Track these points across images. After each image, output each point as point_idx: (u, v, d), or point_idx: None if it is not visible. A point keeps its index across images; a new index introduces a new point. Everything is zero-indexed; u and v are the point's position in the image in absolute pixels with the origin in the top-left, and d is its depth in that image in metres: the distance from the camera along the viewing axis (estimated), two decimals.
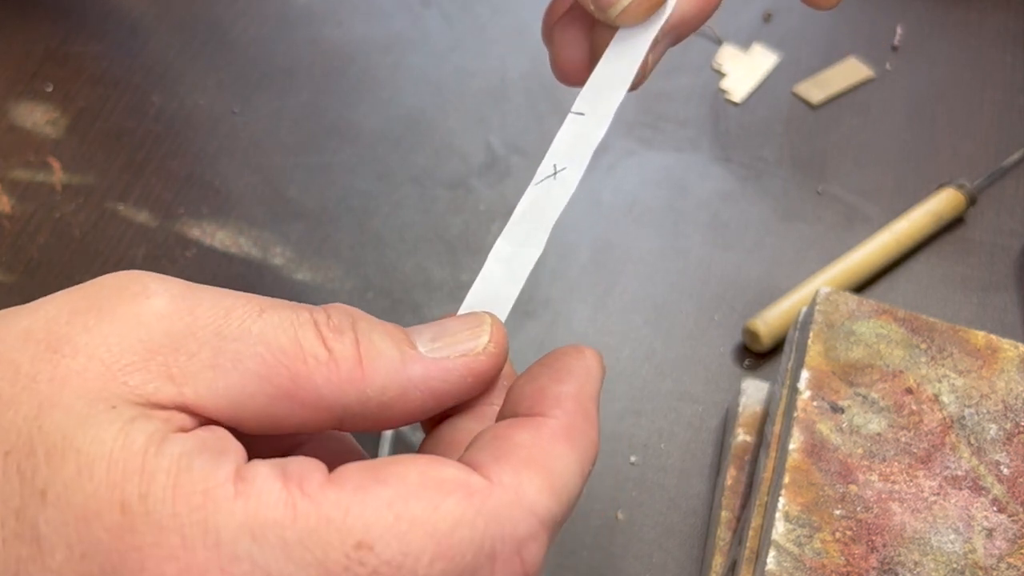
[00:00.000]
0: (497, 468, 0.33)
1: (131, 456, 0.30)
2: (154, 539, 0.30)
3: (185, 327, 0.33)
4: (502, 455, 0.33)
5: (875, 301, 0.59)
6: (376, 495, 0.31)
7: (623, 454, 0.63)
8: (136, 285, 0.34)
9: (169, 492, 0.30)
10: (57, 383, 0.32)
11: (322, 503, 0.30)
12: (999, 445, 0.53)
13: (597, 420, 0.36)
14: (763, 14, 0.86)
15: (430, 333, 0.38)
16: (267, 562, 0.30)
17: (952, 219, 0.75)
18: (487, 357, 0.38)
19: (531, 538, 0.32)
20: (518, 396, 0.38)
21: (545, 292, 0.69)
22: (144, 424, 0.31)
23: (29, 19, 0.75)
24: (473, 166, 0.75)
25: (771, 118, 0.80)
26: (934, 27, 0.86)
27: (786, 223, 0.74)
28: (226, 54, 0.79)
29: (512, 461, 0.33)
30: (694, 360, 0.67)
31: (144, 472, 0.30)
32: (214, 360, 0.32)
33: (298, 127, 0.76)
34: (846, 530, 0.50)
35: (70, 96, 0.72)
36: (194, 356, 0.32)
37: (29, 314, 0.34)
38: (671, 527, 0.60)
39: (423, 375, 0.36)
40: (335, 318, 0.36)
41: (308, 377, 0.34)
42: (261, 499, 0.30)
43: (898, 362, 0.56)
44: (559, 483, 0.34)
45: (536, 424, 0.35)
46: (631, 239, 0.72)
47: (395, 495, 0.31)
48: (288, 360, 0.33)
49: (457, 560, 0.31)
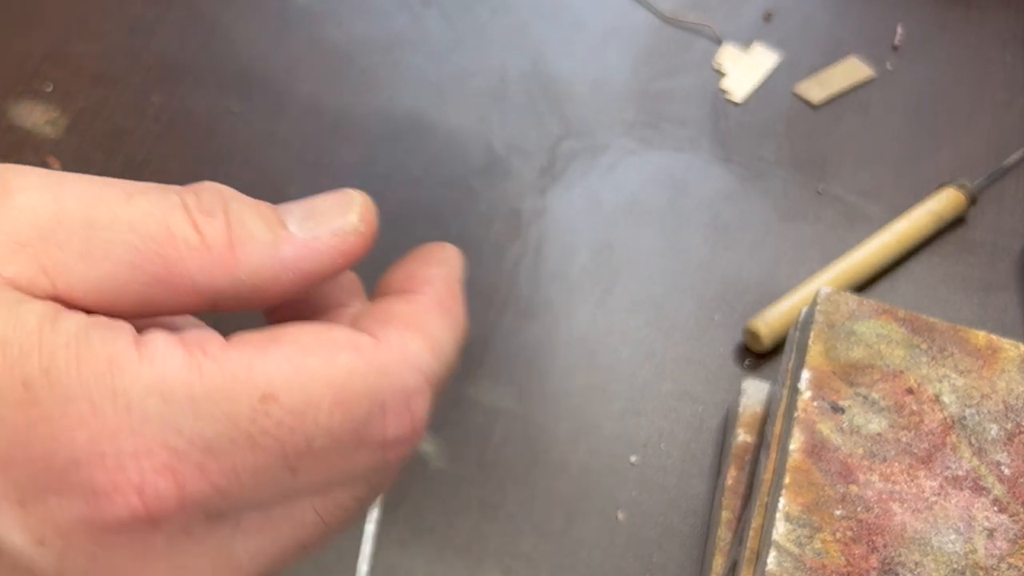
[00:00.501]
0: (382, 330, 0.35)
1: (26, 335, 0.31)
2: (61, 409, 0.30)
3: (52, 218, 0.33)
4: (385, 321, 0.36)
5: (876, 301, 0.58)
6: (276, 352, 0.32)
7: (623, 454, 0.62)
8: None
9: (72, 363, 0.31)
10: None
11: (225, 362, 0.32)
12: (1000, 445, 0.53)
13: (463, 300, 0.39)
14: (763, 14, 0.85)
15: (301, 212, 0.38)
16: (177, 421, 0.31)
17: (953, 219, 0.74)
18: (357, 237, 0.38)
19: (418, 392, 0.35)
20: (390, 282, 0.40)
21: (545, 292, 0.68)
22: (32, 306, 0.31)
23: (29, 19, 0.75)
24: (473, 166, 0.75)
25: (772, 118, 0.80)
26: (935, 27, 0.86)
27: (787, 223, 0.74)
28: (226, 54, 0.79)
29: (395, 324, 0.35)
30: (695, 360, 0.67)
31: (43, 348, 0.31)
32: (85, 250, 0.33)
33: (298, 127, 0.75)
34: (847, 530, 0.50)
35: (70, 96, 0.72)
36: (64, 247, 0.32)
37: None
38: (671, 527, 0.60)
39: (294, 257, 0.36)
40: (206, 199, 0.37)
41: (180, 263, 0.34)
42: (166, 362, 0.31)
43: (899, 362, 0.56)
44: (438, 345, 0.36)
45: (411, 298, 0.38)
46: (631, 239, 0.72)
47: (293, 351, 0.33)
48: (159, 247, 0.34)
49: (353, 410, 0.33)
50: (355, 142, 0.75)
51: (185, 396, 0.31)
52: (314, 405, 0.33)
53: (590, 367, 0.65)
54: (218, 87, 0.78)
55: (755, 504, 0.54)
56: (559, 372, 0.65)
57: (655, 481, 0.62)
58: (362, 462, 0.35)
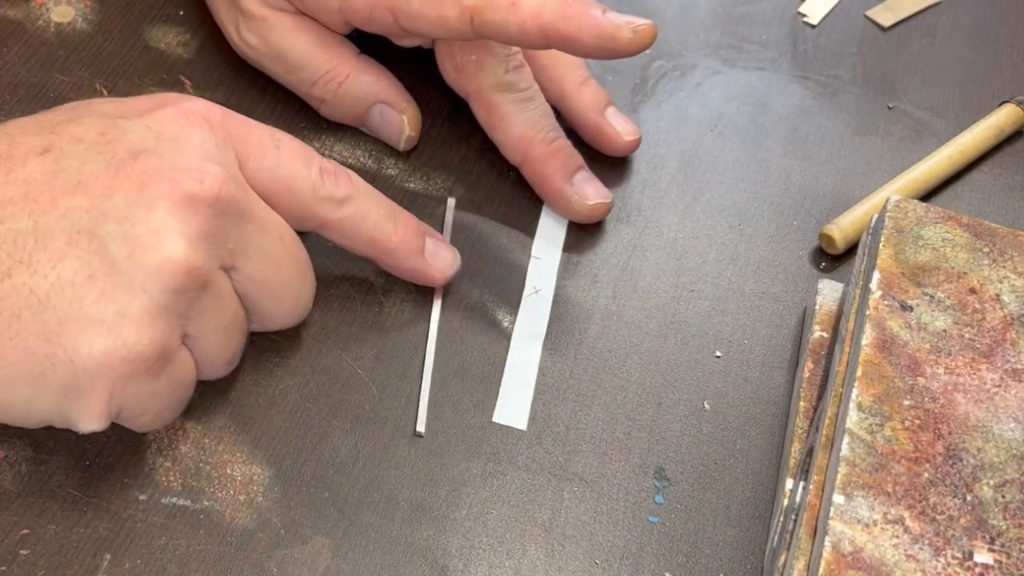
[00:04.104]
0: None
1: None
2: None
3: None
4: None
5: (941, 208, 0.58)
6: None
7: (709, 349, 0.63)
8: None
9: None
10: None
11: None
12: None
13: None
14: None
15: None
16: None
17: (1012, 132, 0.74)
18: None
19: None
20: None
21: (636, 200, 0.68)
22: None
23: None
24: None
25: (845, 40, 0.79)
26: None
27: (859, 136, 0.74)
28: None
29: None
30: (774, 263, 0.67)
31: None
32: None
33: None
34: (915, 419, 0.50)
35: (201, 19, 0.72)
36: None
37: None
38: (753, 416, 0.60)
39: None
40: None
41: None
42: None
43: (962, 264, 0.56)
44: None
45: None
46: (716, 151, 0.72)
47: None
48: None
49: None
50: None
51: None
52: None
53: (678, 269, 0.66)
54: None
55: (830, 395, 0.54)
56: (650, 273, 0.65)
57: (738, 374, 0.62)
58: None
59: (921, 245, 0.56)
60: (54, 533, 0.53)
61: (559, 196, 0.65)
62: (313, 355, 0.60)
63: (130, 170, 0.48)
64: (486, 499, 0.56)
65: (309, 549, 0.54)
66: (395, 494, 0.56)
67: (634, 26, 0.57)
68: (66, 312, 0.46)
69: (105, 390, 0.47)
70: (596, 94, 0.69)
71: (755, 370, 0.62)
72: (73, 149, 0.48)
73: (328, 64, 0.65)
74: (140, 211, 0.47)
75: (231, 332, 0.53)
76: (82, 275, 0.46)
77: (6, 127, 0.50)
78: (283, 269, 0.54)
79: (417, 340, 0.61)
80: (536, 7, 0.56)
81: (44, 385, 0.46)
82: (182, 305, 0.48)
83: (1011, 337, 0.53)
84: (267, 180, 0.54)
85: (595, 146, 0.69)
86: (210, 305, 0.50)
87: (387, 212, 0.58)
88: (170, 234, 0.47)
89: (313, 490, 0.55)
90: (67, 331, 0.46)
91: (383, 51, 0.68)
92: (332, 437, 0.57)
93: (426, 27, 0.59)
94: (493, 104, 0.64)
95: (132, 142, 0.49)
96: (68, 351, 0.46)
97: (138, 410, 0.49)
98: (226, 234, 0.50)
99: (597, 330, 0.63)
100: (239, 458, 0.56)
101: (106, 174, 0.47)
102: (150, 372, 0.48)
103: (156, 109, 0.51)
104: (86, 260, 0.46)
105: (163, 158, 0.49)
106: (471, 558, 0.54)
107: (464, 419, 0.59)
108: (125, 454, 0.55)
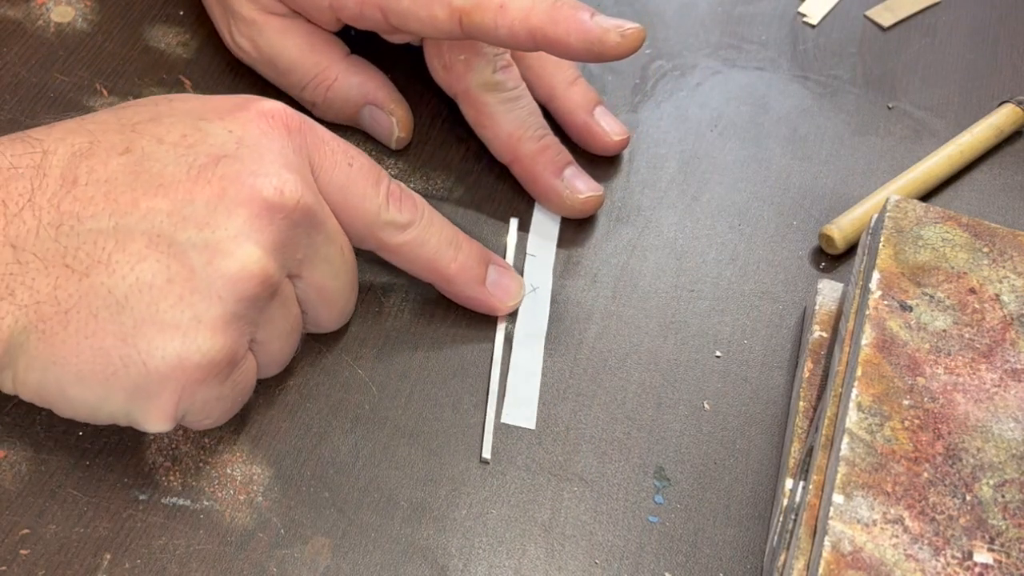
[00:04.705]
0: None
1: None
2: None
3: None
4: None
5: (941, 208, 0.58)
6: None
7: (709, 349, 0.62)
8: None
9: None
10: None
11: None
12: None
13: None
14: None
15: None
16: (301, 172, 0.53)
17: (1012, 132, 0.74)
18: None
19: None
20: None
21: (636, 200, 0.68)
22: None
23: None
24: None
25: (845, 40, 0.79)
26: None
27: (859, 136, 0.74)
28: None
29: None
30: (774, 262, 0.66)
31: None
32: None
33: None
34: (914, 419, 0.50)
35: (201, 20, 0.72)
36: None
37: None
38: (753, 416, 0.60)
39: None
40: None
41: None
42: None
43: (962, 264, 0.56)
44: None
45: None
46: (716, 151, 0.72)
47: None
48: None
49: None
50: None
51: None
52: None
53: (678, 269, 0.66)
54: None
55: (829, 395, 0.54)
56: (649, 273, 0.65)
57: (738, 374, 0.62)
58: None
59: (921, 245, 0.56)
60: (54, 533, 0.53)
61: (551, 192, 0.65)
62: (313, 355, 0.60)
63: (211, 175, 0.48)
64: (486, 499, 0.56)
65: (309, 549, 0.53)
66: (395, 494, 0.56)
67: (622, 30, 0.57)
68: (143, 314, 0.46)
69: (175, 394, 0.47)
70: (585, 93, 0.69)
71: (755, 370, 0.62)
72: (155, 150, 0.49)
73: (316, 68, 0.65)
74: (220, 217, 0.47)
75: (292, 336, 0.54)
76: (160, 278, 0.46)
77: (85, 122, 0.50)
78: (340, 278, 0.55)
79: (417, 340, 0.61)
80: (524, 10, 0.57)
81: (115, 385, 0.47)
82: (253, 313, 0.49)
83: (1011, 337, 0.53)
84: (335, 195, 0.54)
85: (583, 146, 0.69)
86: (277, 312, 0.51)
87: (448, 238, 0.59)
88: (248, 243, 0.48)
89: (313, 490, 0.55)
90: (142, 333, 0.46)
91: (383, 51, 0.68)
92: (332, 437, 0.57)
93: (416, 26, 0.60)
94: (481, 103, 0.64)
95: (214, 146, 0.49)
96: (142, 353, 0.46)
97: (203, 413, 0.50)
98: (297, 243, 0.51)
99: (597, 330, 0.63)
100: (239, 458, 0.56)
101: (187, 178, 0.48)
102: (219, 377, 0.49)
103: (237, 112, 0.52)
104: (165, 264, 0.46)
105: (244, 164, 0.49)
106: (471, 558, 0.54)
107: (464, 419, 0.59)
108: (125, 454, 0.55)
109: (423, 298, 0.62)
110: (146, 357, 0.46)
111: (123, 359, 0.46)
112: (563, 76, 0.68)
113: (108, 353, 0.46)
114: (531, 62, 0.67)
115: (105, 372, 0.46)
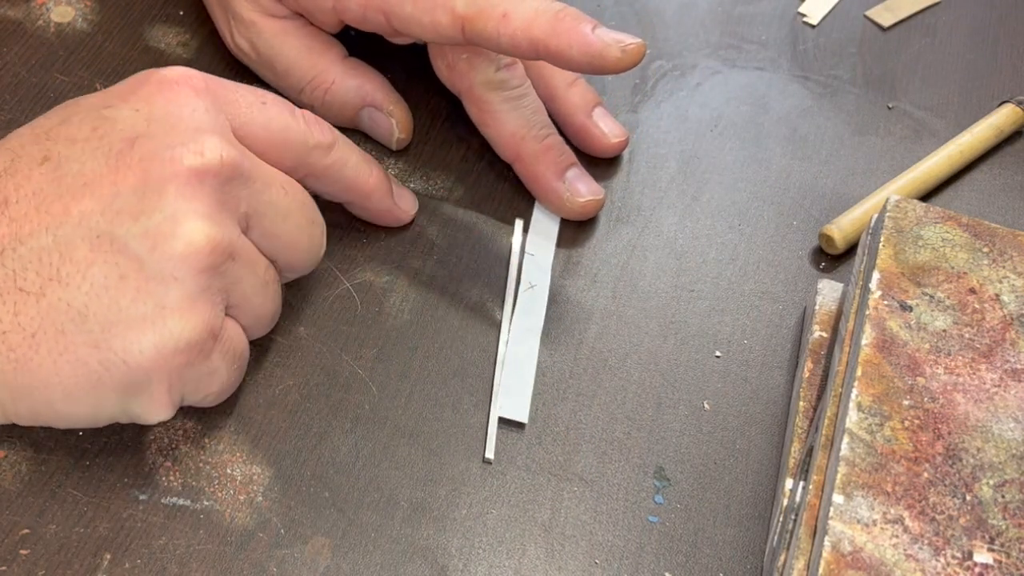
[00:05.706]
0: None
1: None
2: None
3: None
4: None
5: (941, 208, 0.58)
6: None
7: (709, 349, 0.62)
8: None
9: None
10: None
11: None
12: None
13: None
14: None
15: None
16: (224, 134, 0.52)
17: (1012, 132, 0.74)
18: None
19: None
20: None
21: (636, 200, 0.68)
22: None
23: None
24: None
25: (845, 40, 0.79)
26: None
27: (859, 136, 0.74)
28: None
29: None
30: (774, 262, 0.66)
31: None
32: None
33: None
34: (914, 419, 0.50)
35: (201, 19, 0.72)
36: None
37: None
38: (753, 416, 0.60)
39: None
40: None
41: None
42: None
43: (962, 264, 0.56)
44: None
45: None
46: (716, 151, 0.72)
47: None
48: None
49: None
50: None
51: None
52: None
53: (678, 269, 0.66)
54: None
55: (829, 395, 0.54)
56: (649, 273, 0.65)
57: (738, 374, 0.62)
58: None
59: (921, 245, 0.56)
60: (54, 533, 0.52)
61: (551, 193, 0.65)
62: (313, 355, 0.60)
63: (129, 160, 0.48)
64: (486, 499, 0.56)
65: (309, 549, 0.53)
66: (395, 494, 0.56)
67: (623, 45, 0.57)
68: (107, 317, 0.46)
69: (163, 383, 0.48)
70: (584, 95, 0.69)
71: (755, 370, 0.62)
72: (71, 151, 0.48)
73: (313, 70, 0.66)
74: (151, 201, 0.47)
75: (268, 288, 0.53)
76: (113, 278, 0.46)
77: (5, 142, 0.50)
78: (293, 216, 0.54)
79: (417, 340, 0.61)
80: (527, 20, 0.57)
81: (104, 391, 0.47)
82: (216, 281, 0.49)
83: (1011, 337, 0.53)
84: (260, 136, 0.54)
85: (582, 147, 0.69)
86: (242, 271, 0.51)
87: (362, 155, 0.60)
88: (186, 216, 0.47)
89: (313, 490, 0.55)
90: (114, 334, 0.46)
91: (382, 52, 0.68)
92: (332, 437, 0.57)
93: (418, 31, 0.60)
94: (485, 102, 0.64)
95: (124, 130, 0.49)
96: (119, 353, 0.46)
97: (201, 391, 0.51)
98: (235, 199, 0.50)
99: (597, 330, 0.63)
100: (239, 458, 0.56)
101: (108, 169, 0.48)
102: (202, 354, 0.49)
103: (139, 88, 0.51)
104: (113, 262, 0.46)
105: (158, 139, 0.49)
106: (471, 558, 0.54)
107: (464, 419, 0.59)
108: (125, 454, 0.55)
109: (423, 298, 0.62)
110: (124, 356, 0.46)
111: (103, 364, 0.46)
112: (563, 77, 0.68)
113: (86, 363, 0.46)
114: (531, 62, 0.67)
115: (90, 382, 0.47)
